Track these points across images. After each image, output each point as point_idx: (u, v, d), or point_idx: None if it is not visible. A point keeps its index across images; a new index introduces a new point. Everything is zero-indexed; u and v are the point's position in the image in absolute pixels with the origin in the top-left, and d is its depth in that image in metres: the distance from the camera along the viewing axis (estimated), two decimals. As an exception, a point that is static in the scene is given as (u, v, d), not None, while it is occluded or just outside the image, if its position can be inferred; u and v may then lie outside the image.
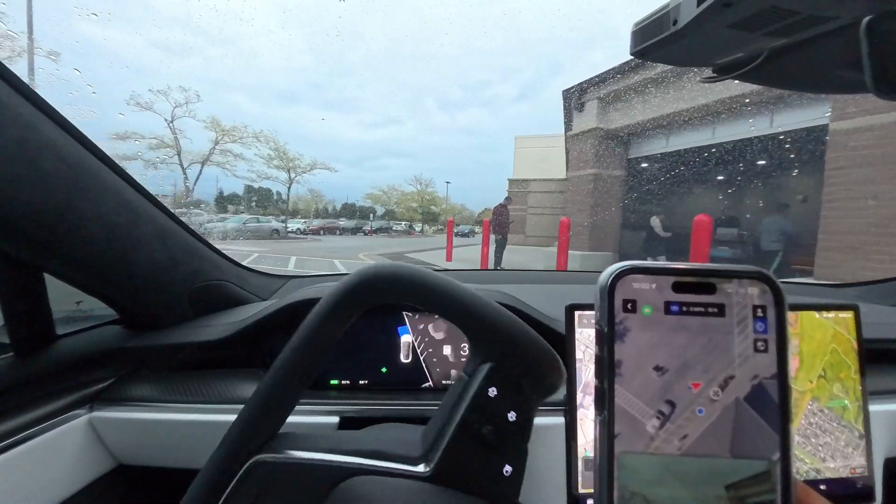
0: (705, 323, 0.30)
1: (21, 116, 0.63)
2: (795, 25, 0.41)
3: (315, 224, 36.97)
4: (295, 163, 28.31)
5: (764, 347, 0.29)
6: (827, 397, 0.77)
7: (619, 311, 0.30)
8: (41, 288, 0.85)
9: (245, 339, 0.98)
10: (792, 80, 0.56)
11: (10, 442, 0.73)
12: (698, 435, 0.29)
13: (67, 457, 0.83)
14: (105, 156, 0.79)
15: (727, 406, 0.29)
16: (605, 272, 0.31)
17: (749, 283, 0.30)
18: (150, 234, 0.89)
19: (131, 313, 1.01)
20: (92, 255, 0.79)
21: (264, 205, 53.57)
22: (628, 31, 0.52)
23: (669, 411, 0.29)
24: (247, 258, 10.93)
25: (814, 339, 0.78)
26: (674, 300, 0.30)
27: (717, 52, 0.51)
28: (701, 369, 0.29)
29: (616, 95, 12.56)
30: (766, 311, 0.30)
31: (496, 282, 1.54)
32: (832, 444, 0.76)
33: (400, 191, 52.28)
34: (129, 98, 20.89)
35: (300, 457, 0.53)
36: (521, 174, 25.42)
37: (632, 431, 0.29)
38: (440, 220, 53.73)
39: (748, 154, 11.31)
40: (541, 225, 22.36)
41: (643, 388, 0.29)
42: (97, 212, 0.76)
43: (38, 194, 0.66)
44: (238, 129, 24.45)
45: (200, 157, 22.37)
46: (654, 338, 0.30)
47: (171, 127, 21.41)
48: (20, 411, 0.77)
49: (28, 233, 0.68)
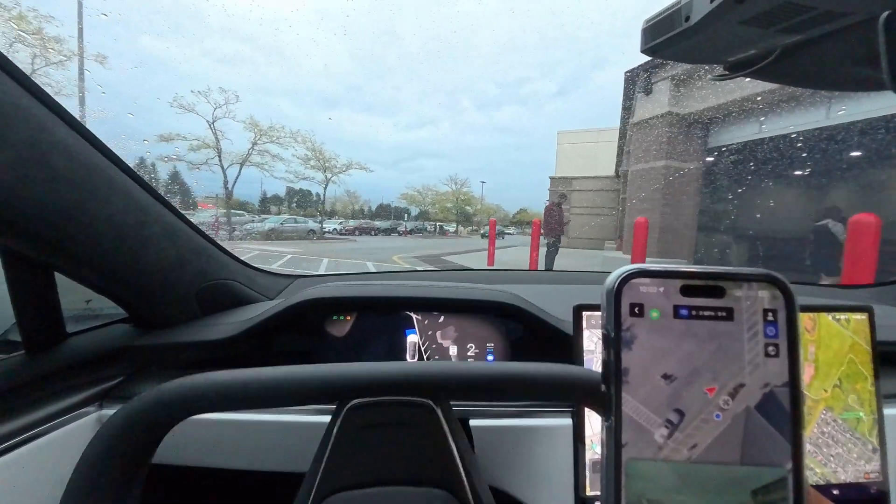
0: (714, 328, 0.29)
1: (33, 117, 0.64)
2: (810, 21, 0.40)
3: (350, 224, 37.51)
4: (331, 163, 28.44)
5: (775, 352, 0.29)
6: (841, 408, 0.75)
7: (626, 315, 0.29)
8: (51, 286, 0.86)
9: (252, 338, 0.99)
10: (806, 77, 0.56)
11: (20, 439, 0.74)
12: (708, 444, 0.28)
13: (76, 454, 0.83)
14: (115, 156, 0.80)
15: (738, 414, 0.28)
16: (612, 275, 0.30)
17: (759, 287, 0.29)
18: (159, 234, 0.90)
19: (140, 312, 1.02)
20: (101, 253, 0.80)
21: (304, 206, 54.89)
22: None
23: (678, 420, 0.28)
24: (278, 261, 10.95)
25: (831, 347, 0.76)
26: (682, 304, 0.29)
27: (730, 49, 0.50)
28: (710, 376, 0.29)
29: (692, 74, 10.59)
30: (776, 314, 0.29)
31: (507, 282, 1.52)
32: (844, 456, 0.75)
33: (435, 191, 51.98)
34: (172, 100, 21.08)
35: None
36: (564, 171, 24.85)
37: (639, 440, 0.28)
38: (474, 221, 53.72)
39: (881, 136, 8.66)
40: (587, 226, 21.93)
41: (651, 395, 0.29)
42: (106, 211, 0.77)
43: (48, 193, 0.67)
44: (276, 128, 24.61)
45: (240, 159, 22.73)
46: (661, 344, 0.29)
47: (213, 128, 21.60)
48: (31, 409, 0.78)
49: (38, 231, 0.69)
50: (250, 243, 17.46)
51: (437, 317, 1.02)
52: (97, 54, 12.87)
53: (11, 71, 0.61)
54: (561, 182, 23.58)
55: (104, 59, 13.26)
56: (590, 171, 23.07)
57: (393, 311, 1.02)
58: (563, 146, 27.23)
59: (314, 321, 1.02)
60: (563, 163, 26.48)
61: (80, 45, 8.63)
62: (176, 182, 33.73)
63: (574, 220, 21.00)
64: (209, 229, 18.33)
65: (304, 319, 1.01)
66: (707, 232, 11.60)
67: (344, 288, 1.02)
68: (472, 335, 1.02)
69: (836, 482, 0.73)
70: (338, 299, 0.99)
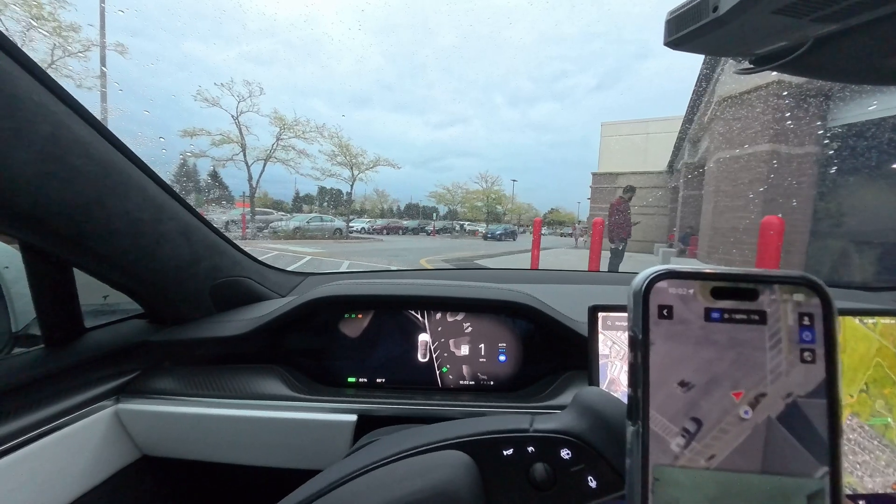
0: (744, 332, 0.28)
1: (52, 114, 0.65)
2: (848, 9, 0.38)
3: (379, 224, 37.25)
4: (358, 159, 27.61)
5: (811, 358, 0.28)
6: (868, 413, 0.72)
7: (655, 317, 0.29)
8: (70, 282, 0.89)
9: (263, 335, 1.00)
10: (838, 70, 0.53)
11: (41, 431, 0.75)
12: (727, 454, 0.27)
13: (94, 446, 0.86)
14: (132, 153, 0.81)
15: (763, 422, 0.27)
16: (640, 275, 0.29)
17: (795, 290, 0.28)
18: (174, 231, 0.92)
19: (155, 307, 1.04)
20: (117, 249, 0.82)
21: (336, 204, 55.64)
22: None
23: (695, 429, 0.28)
24: (295, 263, 10.26)
25: (856, 351, 0.73)
26: (713, 307, 0.29)
27: (761, 40, 0.48)
28: (739, 381, 0.28)
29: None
30: (813, 319, 0.28)
31: (525, 281, 1.51)
32: (871, 463, 0.71)
33: (464, 189, 49.92)
34: (196, 93, 21.01)
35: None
36: (609, 166, 22.79)
37: (655, 447, 0.28)
38: (504, 220, 53.15)
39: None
40: (636, 226, 20.56)
41: (670, 402, 0.28)
42: (123, 208, 0.79)
43: (66, 190, 0.68)
44: (301, 122, 24.14)
45: (264, 154, 22.41)
46: (691, 347, 0.28)
47: (237, 122, 21.56)
48: (51, 401, 0.80)
49: (57, 227, 0.71)
50: (274, 242, 17.14)
51: (449, 316, 1.02)
52: (117, 43, 13.00)
53: (32, 68, 0.63)
54: (605, 178, 21.78)
55: (125, 49, 13.37)
56: (637, 167, 21.21)
57: (404, 310, 1.02)
58: (608, 139, 25.30)
59: (327, 319, 1.02)
60: (607, 157, 24.59)
61: (102, 38, 8.75)
62: (216, 180, 34.44)
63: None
64: (238, 227, 18.60)
65: (317, 317, 1.02)
66: (824, 238, 8.53)
67: (354, 286, 1.02)
68: (485, 335, 1.02)
69: (863, 492, 0.70)
70: (348, 297, 1.00)
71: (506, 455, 0.51)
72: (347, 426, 0.88)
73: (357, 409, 0.89)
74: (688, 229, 16.09)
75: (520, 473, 0.49)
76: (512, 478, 0.49)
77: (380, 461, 0.52)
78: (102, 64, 8.46)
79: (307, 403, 0.90)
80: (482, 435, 0.53)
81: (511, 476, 0.49)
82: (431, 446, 0.53)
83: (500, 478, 0.50)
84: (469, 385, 1.00)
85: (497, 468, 0.50)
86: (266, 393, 0.92)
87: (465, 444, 0.52)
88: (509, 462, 0.50)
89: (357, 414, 0.89)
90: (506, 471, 0.50)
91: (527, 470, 0.49)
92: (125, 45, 13.16)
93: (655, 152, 20.21)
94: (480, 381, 1.00)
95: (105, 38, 7.79)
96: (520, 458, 0.50)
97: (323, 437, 0.89)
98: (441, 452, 0.52)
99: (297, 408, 0.90)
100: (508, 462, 0.50)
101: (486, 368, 1.01)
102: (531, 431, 0.52)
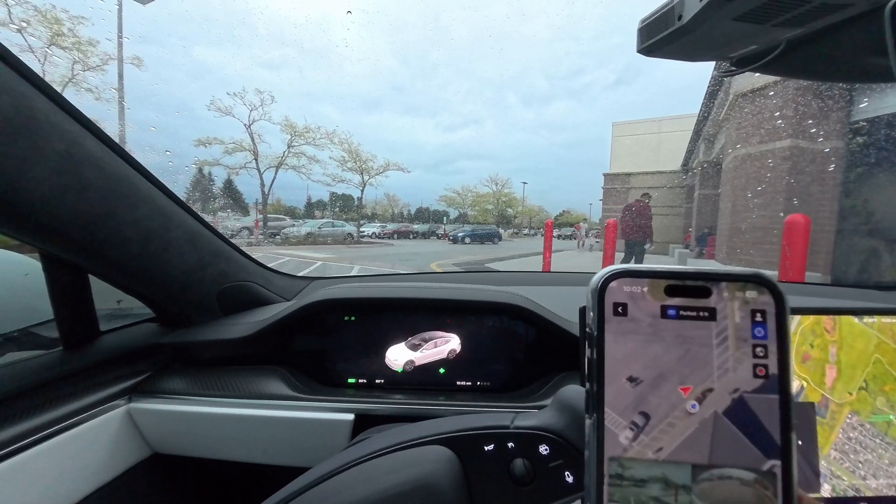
0: (695, 328, 0.29)
1: (66, 133, 0.69)
2: (807, 15, 0.39)
3: (389, 228, 37.08)
4: (368, 164, 27.71)
5: (763, 353, 0.28)
6: (869, 411, 0.70)
7: (610, 314, 0.29)
8: (86, 288, 0.94)
9: (268, 337, 1.03)
10: (815, 70, 0.54)
11: (57, 428, 0.80)
12: (674, 448, 0.28)
13: (107, 444, 0.90)
14: (140, 166, 0.85)
15: (710, 416, 0.28)
16: (598, 274, 0.30)
17: (745, 287, 0.29)
18: (181, 238, 0.95)
19: (165, 311, 1.09)
20: (129, 256, 0.86)
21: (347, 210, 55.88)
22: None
23: (643, 423, 0.29)
24: (307, 268, 10.36)
25: (854, 348, 0.71)
26: (667, 304, 0.29)
27: (726, 45, 0.49)
28: (687, 376, 0.29)
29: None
30: (766, 316, 0.29)
31: (532, 283, 1.52)
32: (874, 462, 0.69)
33: (475, 192, 49.98)
34: (209, 103, 21.33)
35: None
36: (620, 167, 22.29)
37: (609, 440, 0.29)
38: (515, 223, 52.90)
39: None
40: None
41: (618, 397, 0.29)
42: (133, 217, 0.83)
43: (80, 202, 0.73)
44: (311, 129, 24.25)
45: (276, 162, 22.60)
46: (641, 343, 0.29)
47: (249, 131, 21.77)
48: (67, 400, 0.85)
49: (72, 236, 0.75)
50: (286, 248, 17.31)
51: (447, 318, 1.04)
52: (133, 56, 13.61)
53: (45, 89, 0.67)
54: (616, 179, 21.29)
55: (140, 62, 13.96)
56: (650, 166, 20.67)
57: (403, 312, 1.04)
58: (619, 139, 24.78)
59: (327, 322, 1.05)
60: (619, 157, 24.05)
61: (120, 52, 8.98)
62: (230, 189, 34.82)
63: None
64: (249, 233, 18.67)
65: (318, 320, 1.05)
66: (850, 237, 7.88)
67: (354, 289, 1.05)
68: (482, 336, 1.03)
69: (868, 493, 0.69)
70: (347, 300, 1.02)
71: (487, 451, 0.52)
72: (345, 425, 0.91)
73: (355, 408, 0.92)
74: (705, 229, 15.48)
75: (501, 468, 0.51)
76: (493, 472, 0.51)
77: (367, 455, 0.54)
78: (120, 77, 8.64)
79: (308, 403, 0.93)
80: (465, 431, 0.55)
81: (492, 471, 0.51)
82: (416, 442, 0.55)
83: (481, 472, 0.52)
84: (466, 386, 1.02)
85: (479, 463, 0.52)
86: (269, 393, 0.95)
87: (448, 440, 0.54)
88: (490, 457, 0.52)
89: (354, 413, 0.91)
90: (487, 466, 0.52)
91: (507, 465, 0.51)
92: (141, 59, 13.57)
93: (668, 151, 19.69)
94: (477, 381, 1.02)
95: (122, 52, 7.94)
96: (500, 454, 0.52)
97: (322, 435, 0.92)
98: (425, 448, 0.54)
99: (298, 407, 0.92)
100: (489, 457, 0.52)
101: (482, 369, 1.02)
102: (512, 428, 0.54)
